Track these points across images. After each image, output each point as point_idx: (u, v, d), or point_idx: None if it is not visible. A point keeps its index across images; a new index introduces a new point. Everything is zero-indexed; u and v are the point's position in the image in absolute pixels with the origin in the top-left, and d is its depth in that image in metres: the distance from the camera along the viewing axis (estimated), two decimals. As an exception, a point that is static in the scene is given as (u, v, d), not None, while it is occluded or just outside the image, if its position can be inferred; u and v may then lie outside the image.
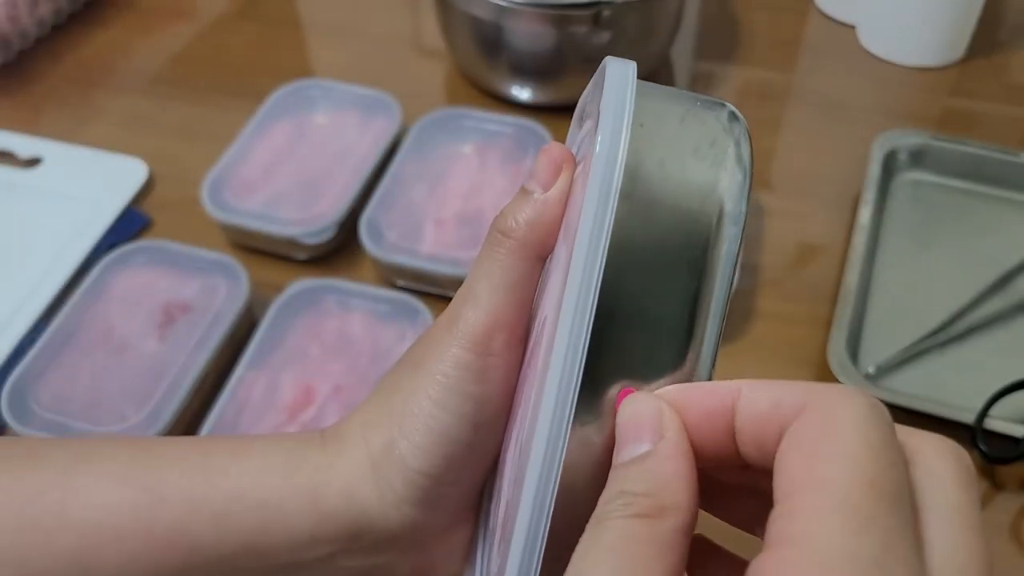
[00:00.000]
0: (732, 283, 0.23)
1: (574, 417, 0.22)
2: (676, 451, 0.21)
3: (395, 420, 0.26)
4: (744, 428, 0.20)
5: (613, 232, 0.22)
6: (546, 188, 0.25)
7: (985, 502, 0.46)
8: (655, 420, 0.21)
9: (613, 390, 0.22)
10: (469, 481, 0.27)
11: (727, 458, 0.21)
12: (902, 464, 0.19)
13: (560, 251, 0.24)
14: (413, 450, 0.26)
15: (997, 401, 0.46)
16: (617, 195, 0.22)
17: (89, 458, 0.28)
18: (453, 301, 0.26)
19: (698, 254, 0.22)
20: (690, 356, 0.22)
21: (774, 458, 0.20)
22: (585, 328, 0.21)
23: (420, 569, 0.29)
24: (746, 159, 0.23)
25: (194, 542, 0.27)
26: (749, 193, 0.23)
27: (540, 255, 0.25)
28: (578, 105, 0.28)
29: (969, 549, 0.19)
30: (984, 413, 0.46)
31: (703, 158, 0.23)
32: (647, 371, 0.22)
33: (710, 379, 0.23)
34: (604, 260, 0.22)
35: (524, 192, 0.25)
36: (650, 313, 0.22)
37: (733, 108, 0.24)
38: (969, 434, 0.46)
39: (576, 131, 0.28)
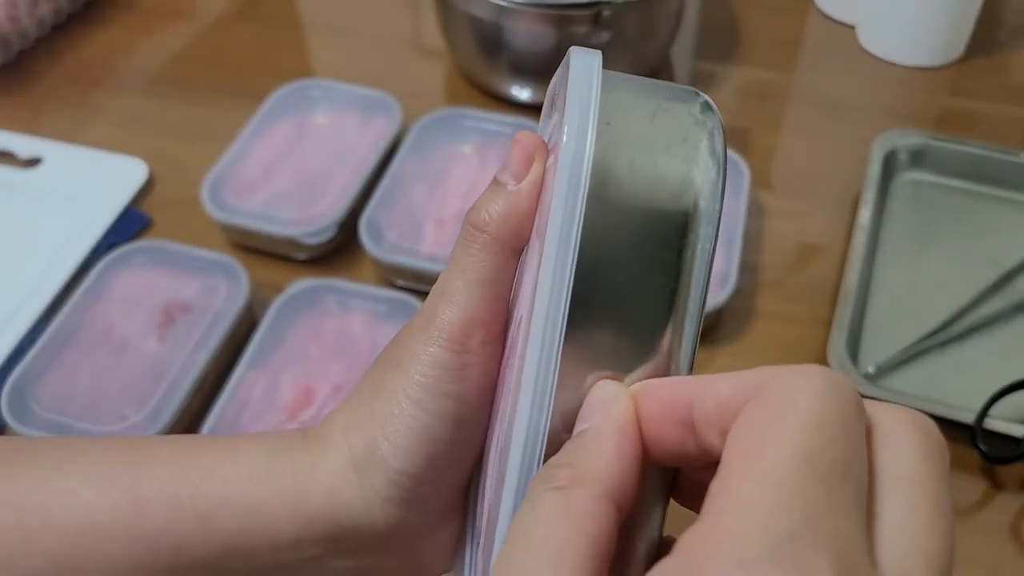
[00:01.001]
0: (708, 281, 0.22)
1: (552, 418, 0.21)
2: (611, 428, 0.21)
3: (376, 421, 0.26)
4: (710, 416, 0.20)
5: (583, 236, 0.21)
6: (518, 179, 0.24)
7: (985, 502, 0.46)
8: (604, 402, 0.21)
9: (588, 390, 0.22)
10: (452, 479, 0.27)
11: (694, 452, 0.21)
12: (855, 441, 0.18)
13: (534, 246, 0.24)
14: (395, 451, 0.25)
15: (997, 401, 0.46)
16: (584, 200, 0.21)
17: (75, 459, 0.28)
18: (428, 298, 0.26)
19: (672, 255, 0.21)
20: (667, 356, 0.22)
21: None
22: (558, 336, 0.21)
23: (408, 568, 0.28)
24: (719, 151, 0.22)
25: (179, 544, 0.27)
26: (723, 188, 0.22)
27: (515, 248, 0.25)
28: (548, 91, 0.27)
29: (925, 523, 0.18)
30: (984, 413, 0.46)
31: (675, 155, 0.22)
32: (623, 374, 0.22)
33: None
34: (574, 267, 0.21)
35: (496, 183, 0.25)
36: (625, 315, 0.21)
37: (707, 98, 0.23)
38: (969, 434, 0.46)
39: (548, 118, 0.27)
